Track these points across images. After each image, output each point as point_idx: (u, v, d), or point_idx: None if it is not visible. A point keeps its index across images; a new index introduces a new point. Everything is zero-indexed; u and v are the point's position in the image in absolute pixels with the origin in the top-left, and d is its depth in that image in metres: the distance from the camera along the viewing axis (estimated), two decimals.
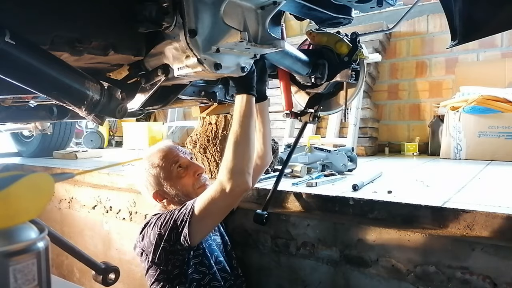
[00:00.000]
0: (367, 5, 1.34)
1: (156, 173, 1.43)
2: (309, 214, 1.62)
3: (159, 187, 1.44)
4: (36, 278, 0.55)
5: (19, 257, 0.53)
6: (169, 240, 1.27)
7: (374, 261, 1.40)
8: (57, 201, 2.80)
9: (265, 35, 1.12)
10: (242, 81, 1.21)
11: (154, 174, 1.44)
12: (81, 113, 0.99)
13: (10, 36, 0.76)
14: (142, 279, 2.22)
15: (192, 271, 1.35)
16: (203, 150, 2.21)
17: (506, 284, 1.16)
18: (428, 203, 1.41)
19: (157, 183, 1.44)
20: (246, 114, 1.20)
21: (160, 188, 1.44)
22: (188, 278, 1.34)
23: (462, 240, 1.25)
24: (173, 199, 1.45)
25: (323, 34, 1.56)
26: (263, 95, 1.39)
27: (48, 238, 0.59)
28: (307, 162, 2.31)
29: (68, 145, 4.19)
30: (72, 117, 1.66)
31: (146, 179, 1.46)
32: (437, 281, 1.27)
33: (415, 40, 3.96)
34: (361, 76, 1.56)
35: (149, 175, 1.45)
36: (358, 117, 3.57)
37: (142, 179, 1.47)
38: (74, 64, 1.01)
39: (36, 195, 0.57)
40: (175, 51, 1.03)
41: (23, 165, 3.41)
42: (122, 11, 0.98)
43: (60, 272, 2.80)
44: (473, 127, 3.08)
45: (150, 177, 1.44)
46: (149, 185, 1.46)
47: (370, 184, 1.91)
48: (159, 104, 1.38)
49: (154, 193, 1.45)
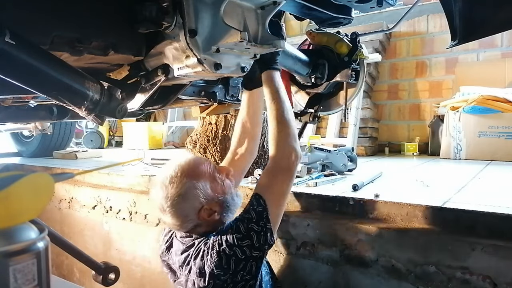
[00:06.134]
0: (367, 5, 1.35)
1: (202, 186, 1.20)
2: (309, 214, 1.62)
3: (207, 201, 1.20)
4: (36, 278, 0.55)
5: (19, 257, 0.54)
6: (255, 245, 1.11)
7: (374, 261, 1.40)
8: (57, 201, 2.80)
9: (265, 35, 1.12)
10: (265, 59, 1.24)
11: (200, 187, 1.19)
12: (81, 113, 0.99)
13: (10, 36, 0.76)
14: (142, 279, 2.22)
15: None
16: (203, 150, 2.20)
17: (506, 284, 1.16)
18: (428, 203, 1.41)
19: (205, 197, 1.19)
20: (277, 88, 1.24)
21: (208, 202, 1.20)
22: None
23: (462, 240, 1.25)
24: (222, 208, 1.23)
25: (323, 34, 1.56)
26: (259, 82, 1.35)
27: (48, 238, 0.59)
28: (307, 162, 2.31)
29: (68, 145, 4.19)
30: (72, 117, 1.66)
31: (186, 199, 1.18)
32: (437, 281, 1.27)
33: (415, 40, 3.96)
34: (361, 76, 1.56)
35: (193, 192, 1.18)
36: (358, 117, 3.57)
37: (177, 202, 1.17)
38: (74, 64, 1.01)
39: (36, 195, 0.57)
40: (175, 51, 1.03)
41: (23, 165, 3.41)
42: (122, 11, 0.98)
43: (60, 272, 2.80)
44: (473, 127, 3.08)
45: (196, 194, 1.18)
46: (191, 205, 1.18)
47: (370, 184, 1.91)
48: (159, 104, 1.38)
49: (200, 211, 1.19)
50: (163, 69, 1.08)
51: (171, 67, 1.07)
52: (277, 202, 1.18)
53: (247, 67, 1.13)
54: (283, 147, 1.19)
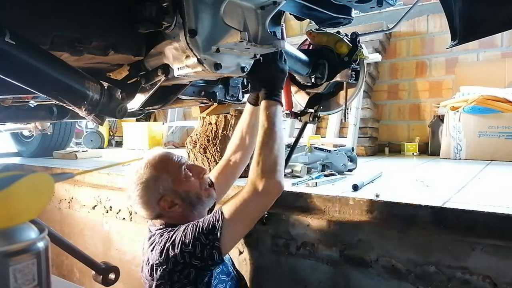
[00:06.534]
0: (367, 5, 1.35)
1: (164, 178, 1.26)
2: (309, 214, 1.62)
3: (167, 193, 1.26)
4: (36, 278, 0.55)
5: (19, 257, 0.54)
6: (197, 255, 1.11)
7: (374, 261, 1.40)
8: (57, 201, 2.80)
9: (265, 35, 1.12)
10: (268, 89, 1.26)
11: (162, 179, 1.25)
12: (81, 113, 0.99)
13: (10, 36, 0.76)
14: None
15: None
16: (203, 150, 2.20)
17: (506, 284, 1.16)
18: (428, 203, 1.41)
19: (165, 189, 1.26)
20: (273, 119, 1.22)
21: (168, 194, 1.26)
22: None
23: (462, 240, 1.25)
24: (184, 204, 1.28)
25: (323, 34, 1.56)
26: None
27: (48, 238, 0.59)
28: (307, 162, 2.31)
29: (68, 145, 4.19)
30: (72, 117, 1.66)
31: (147, 188, 1.25)
32: (437, 281, 1.27)
33: (415, 40, 3.95)
34: (361, 76, 1.56)
35: (153, 183, 1.25)
36: (358, 117, 3.57)
37: (140, 190, 1.25)
38: (74, 64, 1.01)
39: (36, 195, 0.57)
40: (175, 51, 1.03)
41: (23, 165, 3.41)
42: (122, 11, 0.98)
43: (60, 272, 2.80)
44: (473, 127, 3.08)
45: (157, 184, 1.25)
46: (152, 194, 1.25)
47: (370, 184, 1.91)
48: (159, 104, 1.38)
49: (160, 201, 1.24)
50: (163, 69, 1.08)
51: (171, 67, 1.07)
52: (237, 225, 1.15)
53: (247, 67, 1.13)
54: (259, 173, 1.14)
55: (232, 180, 1.55)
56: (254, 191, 1.13)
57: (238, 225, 1.16)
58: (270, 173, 1.14)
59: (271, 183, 1.14)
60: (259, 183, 1.13)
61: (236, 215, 1.13)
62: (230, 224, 1.13)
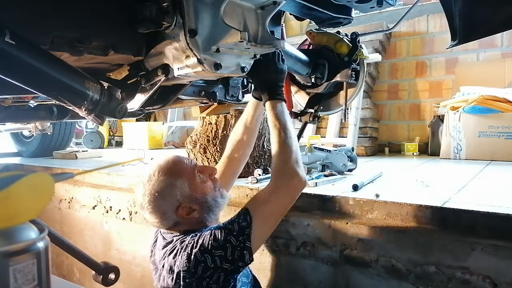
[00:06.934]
0: (367, 5, 1.35)
1: (180, 184, 1.20)
2: (309, 214, 1.62)
3: (185, 199, 1.20)
4: (36, 278, 0.55)
5: (19, 257, 0.54)
6: (228, 258, 1.08)
7: (374, 261, 1.40)
8: (57, 201, 2.80)
9: (265, 35, 1.12)
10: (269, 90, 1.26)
11: (178, 185, 1.19)
12: (81, 113, 0.99)
13: (10, 36, 0.76)
14: (142, 279, 2.22)
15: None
16: (203, 150, 2.20)
17: (506, 284, 1.16)
18: (428, 203, 1.41)
19: (183, 195, 1.20)
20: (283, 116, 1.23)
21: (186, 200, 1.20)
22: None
23: (462, 240, 1.25)
24: (202, 208, 1.23)
25: (323, 34, 1.56)
26: None
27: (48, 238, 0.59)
28: (307, 162, 2.31)
29: (68, 145, 4.19)
30: (72, 117, 1.66)
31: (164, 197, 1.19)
32: (437, 281, 1.27)
33: (415, 40, 3.95)
34: (361, 76, 1.56)
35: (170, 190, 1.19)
36: (358, 117, 3.57)
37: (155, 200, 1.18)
38: (74, 64, 1.01)
39: (36, 195, 0.57)
40: (175, 51, 1.03)
41: (23, 165, 3.41)
42: (122, 11, 0.98)
43: (60, 272, 2.80)
44: (473, 127, 3.08)
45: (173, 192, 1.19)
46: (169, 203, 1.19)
47: (370, 184, 1.91)
48: (159, 104, 1.38)
49: (178, 209, 1.19)
50: (163, 69, 1.08)
51: (171, 67, 1.07)
52: (265, 223, 1.14)
53: (247, 67, 1.13)
54: (283, 170, 1.15)
55: (233, 180, 1.54)
56: (281, 188, 1.14)
57: (267, 223, 1.15)
58: (294, 169, 1.15)
59: (296, 180, 1.14)
60: (286, 180, 1.14)
61: (264, 213, 1.13)
62: (259, 222, 1.11)
